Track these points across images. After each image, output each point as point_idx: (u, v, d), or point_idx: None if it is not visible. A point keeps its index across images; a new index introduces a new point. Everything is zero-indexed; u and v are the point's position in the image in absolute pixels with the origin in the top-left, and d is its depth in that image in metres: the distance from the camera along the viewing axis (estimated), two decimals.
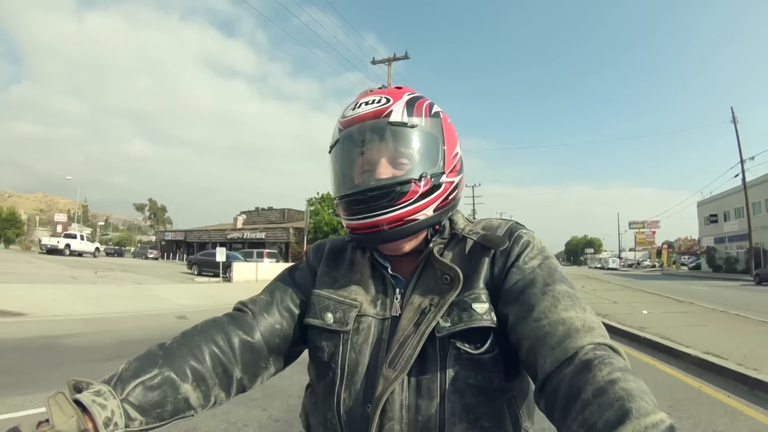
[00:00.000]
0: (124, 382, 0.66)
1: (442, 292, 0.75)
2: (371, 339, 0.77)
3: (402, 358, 0.72)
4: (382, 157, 0.76)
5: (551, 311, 0.67)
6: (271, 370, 0.84)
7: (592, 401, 0.52)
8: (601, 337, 0.63)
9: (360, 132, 0.77)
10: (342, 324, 0.79)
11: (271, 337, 0.82)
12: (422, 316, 0.74)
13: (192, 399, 0.72)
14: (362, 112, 0.78)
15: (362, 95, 0.83)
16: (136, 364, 0.70)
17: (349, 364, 0.77)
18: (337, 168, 0.81)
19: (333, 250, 0.92)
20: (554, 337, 0.64)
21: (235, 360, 0.78)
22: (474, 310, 0.72)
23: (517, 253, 0.76)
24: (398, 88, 0.83)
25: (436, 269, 0.78)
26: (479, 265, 0.77)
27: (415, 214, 0.76)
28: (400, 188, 0.75)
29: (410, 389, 0.72)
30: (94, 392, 0.62)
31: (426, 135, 0.78)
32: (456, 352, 0.72)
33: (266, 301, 0.86)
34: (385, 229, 0.75)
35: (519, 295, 0.72)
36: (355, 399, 0.74)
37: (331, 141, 0.83)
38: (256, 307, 0.85)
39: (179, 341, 0.76)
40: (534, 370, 0.65)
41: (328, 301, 0.83)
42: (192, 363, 0.73)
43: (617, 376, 0.54)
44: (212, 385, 0.74)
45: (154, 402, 0.67)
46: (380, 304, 0.81)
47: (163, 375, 0.69)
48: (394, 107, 0.77)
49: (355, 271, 0.86)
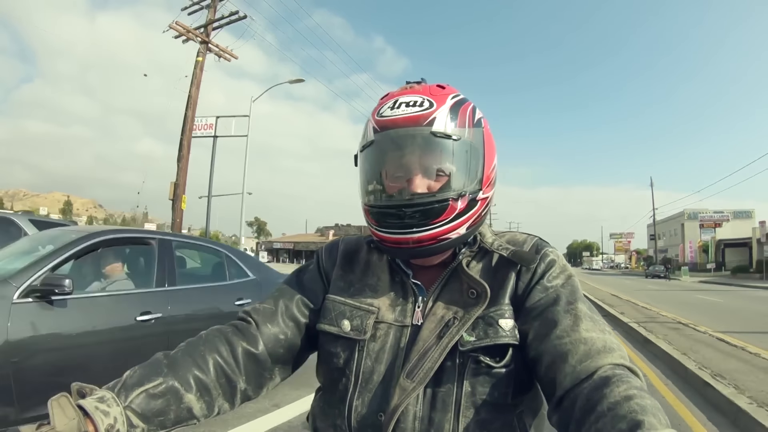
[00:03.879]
0: (127, 389, 0.66)
1: (467, 306, 0.74)
2: (388, 346, 0.76)
3: (421, 369, 0.70)
4: (420, 169, 0.73)
5: (573, 330, 0.68)
6: (276, 380, 0.83)
7: (606, 413, 0.54)
8: (620, 359, 0.64)
9: (399, 138, 0.74)
10: (359, 332, 0.77)
11: (275, 347, 0.81)
12: (445, 328, 0.73)
13: (195, 409, 0.71)
14: (402, 114, 0.73)
15: (402, 91, 0.78)
16: (140, 372, 0.69)
17: (364, 372, 0.75)
18: (370, 172, 0.79)
19: (347, 252, 0.89)
20: (575, 355, 0.64)
21: (239, 371, 0.77)
22: (500, 327, 0.72)
23: (542, 271, 0.76)
24: (441, 87, 0.79)
25: (463, 282, 0.77)
26: (505, 280, 0.76)
27: (449, 233, 0.74)
28: (438, 206, 0.73)
29: (425, 401, 0.71)
30: (98, 398, 0.62)
31: (469, 148, 0.75)
32: (475, 366, 0.71)
33: (270, 310, 0.84)
34: (418, 246, 0.74)
35: (542, 312, 0.72)
36: (369, 407, 0.73)
37: (362, 138, 0.79)
38: (259, 317, 0.82)
39: (183, 351, 0.75)
40: (552, 386, 0.65)
41: (344, 307, 0.80)
42: (196, 373, 0.72)
43: (633, 393, 0.55)
44: (216, 395, 0.74)
45: (157, 410, 0.67)
46: (399, 310, 0.78)
47: (167, 384, 0.69)
48: (438, 114, 0.73)
49: (372, 274, 0.84)
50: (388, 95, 0.79)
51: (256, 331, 0.80)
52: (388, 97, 0.78)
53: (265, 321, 0.82)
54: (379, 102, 0.79)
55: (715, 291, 20.10)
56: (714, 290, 20.68)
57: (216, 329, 0.81)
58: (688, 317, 9.29)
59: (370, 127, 0.77)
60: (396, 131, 0.73)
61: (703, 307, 12.61)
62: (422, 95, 0.75)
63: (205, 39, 14.77)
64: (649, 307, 11.33)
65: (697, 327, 7.75)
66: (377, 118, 0.76)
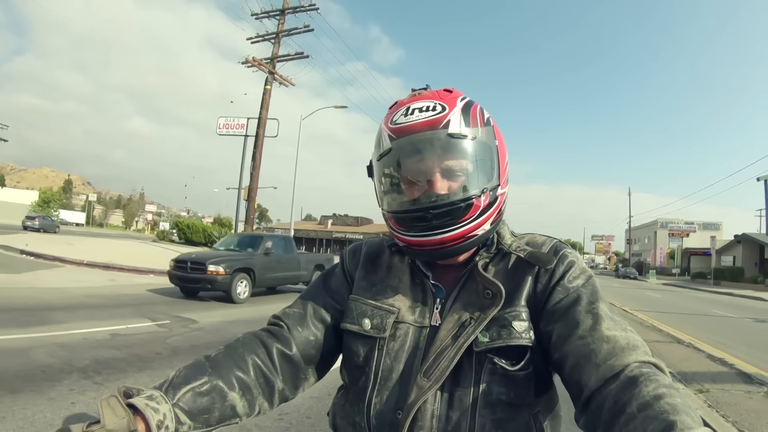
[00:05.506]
0: (175, 387, 0.68)
1: (483, 307, 0.75)
2: (407, 346, 0.78)
3: (438, 368, 0.72)
4: (439, 170, 0.75)
5: (595, 329, 0.68)
6: (311, 380, 0.86)
7: (637, 415, 0.53)
8: (645, 356, 0.64)
9: (418, 143, 0.75)
10: (379, 330, 0.79)
11: (307, 349, 0.83)
12: (461, 329, 0.74)
13: (238, 407, 0.74)
14: (417, 120, 0.75)
15: (412, 98, 0.79)
16: (185, 372, 0.72)
17: (383, 370, 0.77)
18: (390, 179, 0.80)
19: (370, 254, 0.92)
20: (599, 354, 0.64)
21: (276, 372, 0.80)
22: (513, 328, 0.72)
23: (561, 272, 0.76)
24: (447, 91, 0.80)
25: (479, 283, 0.77)
26: (522, 281, 0.77)
27: (475, 231, 0.76)
28: (464, 205, 0.74)
29: (442, 400, 0.72)
30: (147, 396, 0.64)
31: (484, 147, 0.77)
32: (492, 367, 0.72)
33: (299, 313, 0.87)
34: (446, 246, 0.76)
35: (564, 313, 0.72)
36: (387, 405, 0.75)
37: (378, 146, 0.81)
38: (290, 321, 0.85)
39: (224, 353, 0.78)
40: (578, 388, 0.65)
41: (365, 307, 0.83)
42: (237, 373, 0.75)
43: (663, 392, 0.54)
44: (257, 394, 0.77)
45: (203, 408, 0.69)
46: (419, 311, 0.80)
47: (212, 383, 0.71)
48: (451, 116, 0.75)
49: (393, 276, 0.86)
50: (397, 103, 0.81)
51: (288, 334, 0.84)
52: (397, 106, 0.80)
53: (296, 324, 0.85)
54: (389, 111, 0.81)
55: (666, 291, 24.42)
56: (666, 290, 25.02)
57: (251, 333, 0.84)
58: (621, 303, 13.48)
59: (385, 135, 0.78)
60: (413, 136, 0.75)
61: (643, 299, 17.03)
62: (433, 100, 0.77)
63: (272, 70, 18.57)
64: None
65: (618, 306, 11.77)
66: (392, 126, 0.77)
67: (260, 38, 19.14)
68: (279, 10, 18.86)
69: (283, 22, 18.80)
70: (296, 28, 18.64)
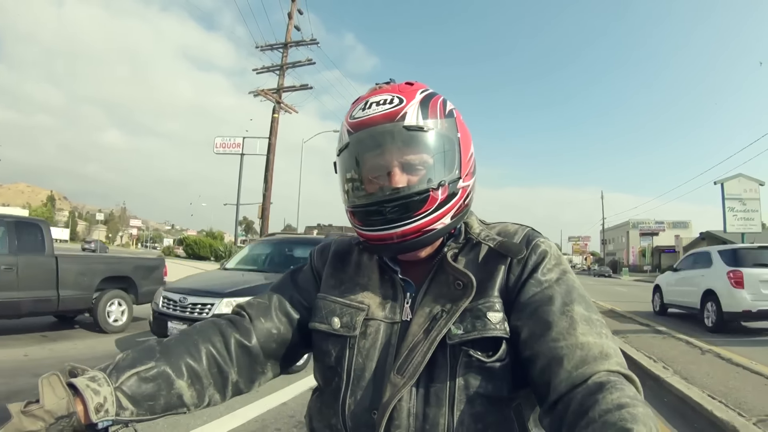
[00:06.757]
0: (119, 371, 0.66)
1: (454, 299, 0.74)
2: (379, 343, 0.76)
3: (411, 364, 0.70)
4: (397, 164, 0.74)
5: (570, 334, 0.67)
6: (268, 374, 0.84)
7: (597, 420, 0.54)
8: (617, 366, 0.64)
9: (372, 136, 0.74)
10: (349, 329, 0.78)
11: (268, 342, 0.82)
12: (433, 322, 0.73)
13: (186, 396, 0.72)
14: (373, 113, 0.74)
15: (371, 92, 0.79)
16: (133, 355, 0.70)
17: (356, 369, 0.76)
18: (348, 174, 0.79)
19: (338, 253, 0.90)
20: (571, 361, 0.64)
21: (232, 363, 0.78)
22: (488, 319, 0.71)
23: (534, 263, 0.75)
24: (409, 84, 0.79)
25: (449, 274, 0.76)
26: (494, 272, 0.76)
27: (433, 224, 0.75)
28: (419, 198, 0.73)
29: (418, 397, 0.71)
30: (89, 378, 0.62)
31: (442, 138, 0.76)
32: (467, 359, 0.71)
33: (264, 304, 0.85)
34: (404, 240, 0.74)
35: (536, 310, 0.71)
36: (361, 405, 0.74)
37: (338, 143, 0.80)
38: (253, 311, 0.84)
39: (177, 339, 0.76)
40: (546, 389, 0.65)
41: (334, 305, 0.81)
42: (188, 360, 0.73)
43: (626, 401, 0.55)
44: (207, 384, 0.75)
45: (147, 394, 0.67)
46: (389, 307, 0.79)
47: (158, 368, 0.70)
48: (408, 108, 0.74)
49: (362, 274, 0.85)
50: (358, 99, 0.80)
51: (250, 324, 0.82)
52: (358, 101, 0.79)
53: (259, 315, 0.83)
54: (351, 106, 0.80)
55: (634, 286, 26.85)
56: (634, 285, 27.49)
57: (210, 320, 0.82)
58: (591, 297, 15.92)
59: (344, 130, 0.78)
60: (369, 130, 0.74)
61: (611, 292, 19.53)
62: (391, 93, 0.76)
63: (279, 100, 20.67)
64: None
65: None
66: (350, 120, 0.77)
67: (265, 69, 21.20)
68: (282, 44, 20.99)
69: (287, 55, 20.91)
70: (299, 62, 20.75)
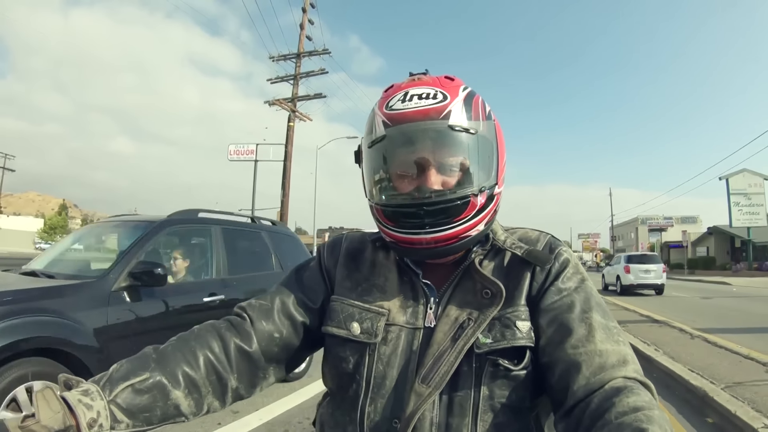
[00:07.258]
0: (113, 383, 0.65)
1: (481, 307, 0.72)
2: (400, 350, 0.73)
3: (437, 374, 0.68)
4: (434, 164, 0.70)
5: (588, 341, 0.67)
6: (270, 379, 0.81)
7: (613, 421, 0.55)
8: (634, 372, 0.65)
9: (415, 133, 0.70)
10: (370, 335, 0.74)
11: (269, 345, 0.79)
12: (460, 330, 0.70)
13: (183, 406, 0.70)
14: (415, 107, 0.70)
15: (410, 83, 0.74)
16: (127, 366, 0.68)
17: (376, 377, 0.73)
18: (381, 169, 0.75)
19: (351, 250, 0.86)
20: (590, 367, 0.64)
21: (231, 368, 0.75)
22: (517, 328, 0.70)
23: (556, 271, 0.74)
24: (449, 79, 0.75)
25: (476, 282, 0.74)
26: (520, 280, 0.74)
27: (470, 231, 0.73)
28: (461, 203, 0.70)
29: (441, 406, 0.69)
30: (82, 391, 0.61)
31: (485, 143, 0.73)
32: (493, 369, 0.69)
33: (266, 306, 0.81)
34: (437, 246, 0.72)
35: (556, 317, 0.71)
36: (382, 414, 0.71)
37: (370, 132, 0.75)
38: (254, 313, 0.80)
39: (174, 345, 0.74)
40: (563, 394, 0.65)
41: (352, 309, 0.77)
42: (185, 369, 0.71)
43: (642, 405, 0.56)
44: (205, 393, 0.72)
45: (143, 406, 0.66)
46: (411, 312, 0.76)
47: (153, 379, 0.67)
48: (453, 106, 0.70)
49: (378, 273, 0.81)
50: (393, 86, 0.76)
51: (251, 327, 0.78)
52: (394, 89, 0.75)
53: (260, 318, 0.80)
54: (384, 94, 0.76)
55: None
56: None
57: (209, 324, 0.79)
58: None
59: (378, 121, 0.73)
60: (410, 125, 0.70)
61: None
62: (433, 87, 0.72)
63: (294, 109, 21.54)
64: None
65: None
66: (387, 111, 0.72)
67: (279, 79, 22.07)
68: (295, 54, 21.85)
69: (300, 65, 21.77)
70: (313, 71, 21.64)
